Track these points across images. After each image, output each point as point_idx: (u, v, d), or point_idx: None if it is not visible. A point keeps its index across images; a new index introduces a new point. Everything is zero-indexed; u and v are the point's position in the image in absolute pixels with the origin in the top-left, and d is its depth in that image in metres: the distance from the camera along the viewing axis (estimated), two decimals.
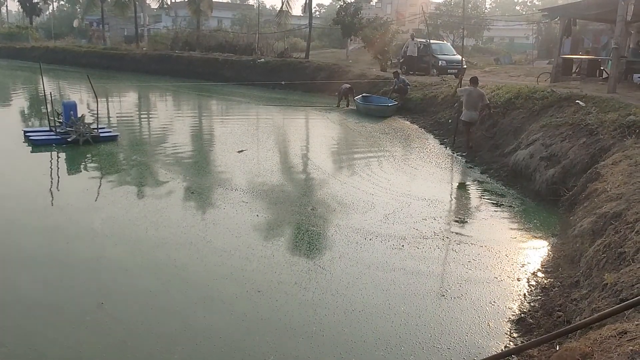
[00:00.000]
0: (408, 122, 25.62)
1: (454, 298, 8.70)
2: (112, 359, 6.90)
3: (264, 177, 15.38)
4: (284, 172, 16.57)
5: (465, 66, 32.95)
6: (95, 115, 19.95)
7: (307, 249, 10.57)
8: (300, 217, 12.19)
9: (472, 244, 10.87)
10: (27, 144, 18.59)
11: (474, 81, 18.08)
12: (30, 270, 9.03)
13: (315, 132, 24.24)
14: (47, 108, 20.29)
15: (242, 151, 18.65)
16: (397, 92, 28.21)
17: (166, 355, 7.01)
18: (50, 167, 16.49)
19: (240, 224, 11.50)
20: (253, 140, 21.44)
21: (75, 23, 75.39)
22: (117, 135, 19.98)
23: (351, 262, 9.77)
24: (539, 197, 13.70)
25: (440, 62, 31.73)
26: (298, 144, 21.55)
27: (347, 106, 29.31)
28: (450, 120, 22.29)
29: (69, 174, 16.14)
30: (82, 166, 16.98)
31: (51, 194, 13.72)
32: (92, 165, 16.88)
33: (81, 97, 29.38)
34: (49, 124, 19.59)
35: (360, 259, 9.92)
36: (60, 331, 7.43)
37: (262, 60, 41.78)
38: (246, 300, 8.39)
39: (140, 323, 7.72)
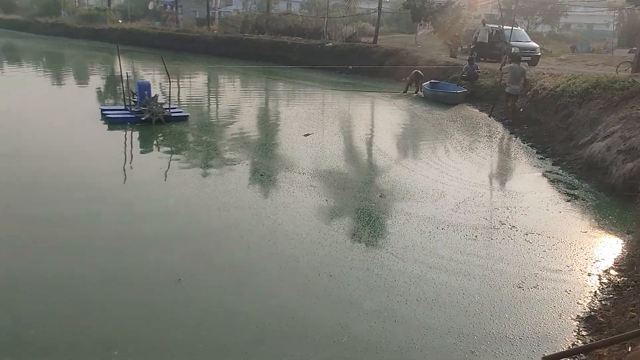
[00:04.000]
0: (477, 110, 24.98)
1: (529, 289, 8.59)
2: (187, 336, 7.07)
3: (330, 162, 15.36)
4: (349, 158, 16.51)
5: (539, 53, 31.78)
6: (167, 96, 20.41)
7: (378, 236, 10.50)
8: (368, 203, 12.12)
9: (544, 236, 10.58)
10: (103, 121, 19.29)
11: (517, 59, 21.84)
12: (107, 247, 9.35)
13: (381, 118, 24.00)
14: (122, 87, 20.97)
15: (308, 135, 18.69)
16: (466, 79, 27.54)
17: (240, 333, 7.14)
18: (125, 145, 17.05)
19: (310, 208, 11.54)
20: (319, 124, 21.42)
21: (150, 5, 77.31)
22: (187, 115, 20.44)
23: (424, 251, 9.65)
24: (614, 192, 13.09)
25: (513, 48, 30.67)
26: (363, 129, 21.40)
27: (415, 92, 28.86)
28: (522, 110, 21.64)
29: (142, 152, 16.63)
30: (154, 145, 17.47)
31: (126, 171, 14.19)
32: (164, 144, 17.33)
33: (154, 78, 30.22)
34: (124, 102, 20.24)
35: (433, 249, 9.78)
36: (137, 307, 7.68)
37: (330, 44, 41.68)
38: (318, 284, 8.44)
39: (216, 301, 7.90)
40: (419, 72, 29.10)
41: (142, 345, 6.83)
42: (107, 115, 19.46)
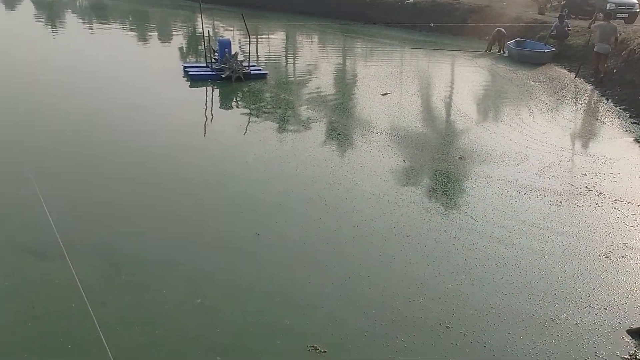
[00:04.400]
0: (565, 71, 23.64)
1: (617, 258, 8.25)
2: (265, 286, 7.30)
3: (408, 122, 15.12)
4: (428, 118, 16.17)
5: (638, 10, 29.48)
6: (247, 53, 20.62)
7: (457, 198, 10.33)
8: (447, 165, 11.89)
9: (635, 205, 10.06)
10: (185, 78, 19.78)
11: (608, 16, 20.82)
12: (191, 201, 9.70)
13: (462, 77, 23.22)
14: (204, 45, 21.35)
15: (386, 94, 18.41)
16: (555, 38, 26.01)
17: (317, 288, 7.29)
18: (206, 102, 17.46)
19: (387, 168, 11.46)
20: (397, 83, 21.03)
21: None
22: (266, 73, 20.60)
23: (504, 216, 9.41)
24: None
25: (608, 4, 28.55)
26: (443, 89, 20.82)
27: (499, 52, 27.62)
28: (615, 70, 20.28)
29: (222, 109, 17.00)
30: (233, 102, 17.79)
31: (206, 128, 14.58)
32: (243, 101, 17.62)
33: (234, 36, 30.56)
34: (206, 60, 20.63)
35: (514, 214, 9.51)
36: (220, 258, 7.98)
37: (411, 1, 40.41)
38: (395, 244, 8.44)
39: (293, 255, 8.08)
40: (502, 30, 27.74)
41: (225, 290, 7.14)
42: (189, 72, 19.96)
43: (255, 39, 29.40)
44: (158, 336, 6.24)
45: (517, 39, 27.16)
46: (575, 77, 21.73)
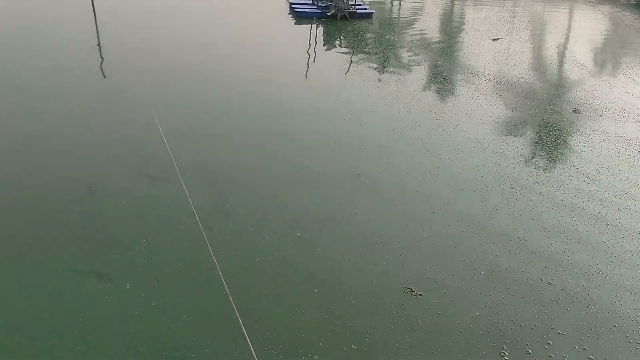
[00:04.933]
0: None
1: None
2: (363, 227, 7.37)
3: (519, 70, 14.37)
4: (540, 67, 15.26)
5: None
6: None
7: (568, 154, 9.80)
8: (559, 118, 11.25)
9: None
10: (292, 15, 19.74)
11: None
12: (295, 139, 9.83)
13: (581, 25, 21.57)
14: None
15: (496, 39, 17.53)
16: None
17: (415, 233, 7.27)
18: (310, 39, 17.39)
19: (494, 116, 11.03)
20: (509, 28, 19.92)
21: None
22: (372, 12, 20.16)
23: (619, 176, 8.86)
24: None
25: None
26: (559, 36, 19.47)
27: None
28: None
29: (325, 47, 16.87)
30: (337, 40, 17.60)
31: (309, 65, 14.57)
32: (347, 40, 17.40)
33: None
34: None
35: (630, 175, 8.93)
36: (321, 196, 8.10)
37: None
38: (498, 194, 8.21)
39: (392, 199, 8.07)
40: None
41: (324, 227, 7.28)
42: (295, 9, 19.92)
43: None
44: (259, 263, 6.52)
45: None
46: None
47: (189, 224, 6.91)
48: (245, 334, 4.65)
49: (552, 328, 5.78)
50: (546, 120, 11.18)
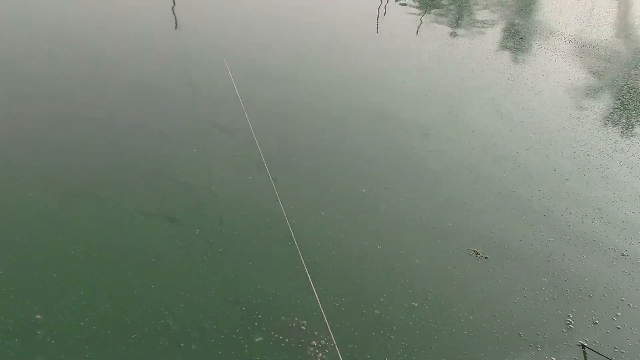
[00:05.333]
0: None
1: None
2: (430, 186, 7.28)
3: (603, 31, 13.56)
4: (625, 28, 14.31)
5: None
6: None
7: None
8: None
9: None
10: None
11: None
12: (364, 96, 9.73)
13: None
14: None
15: None
16: None
17: (483, 196, 7.12)
18: None
19: (573, 80, 10.53)
20: None
21: None
22: None
23: None
24: None
25: None
26: None
27: None
28: None
29: (397, 3, 16.41)
30: None
31: (379, 23, 14.25)
32: None
33: None
34: None
35: None
36: (388, 156, 8.03)
37: None
38: (573, 161, 7.91)
39: (461, 161, 7.90)
40: None
41: (390, 185, 7.25)
42: None
43: None
44: (324, 217, 6.59)
45: None
46: None
47: (258, 175, 7.04)
48: (312, 284, 4.75)
49: (622, 300, 5.60)
50: (630, 85, 10.56)
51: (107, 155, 7.42)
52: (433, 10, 15.12)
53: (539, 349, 5.05)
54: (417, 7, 15.74)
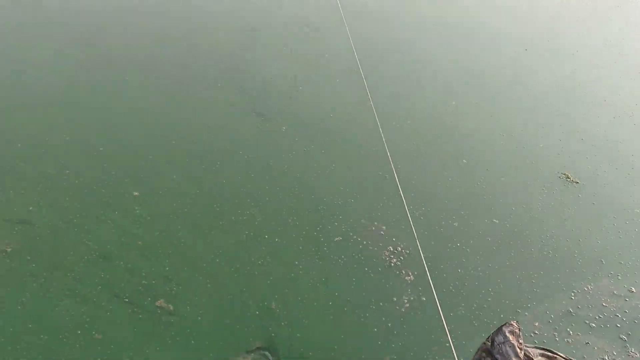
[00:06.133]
0: None
1: None
2: (524, 94, 6.97)
3: None
4: None
5: None
6: None
7: None
8: None
9: None
10: None
11: None
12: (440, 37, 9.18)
13: None
14: None
15: None
16: None
17: (580, 116, 6.77)
18: None
19: None
20: None
21: None
22: None
23: None
24: None
25: None
26: None
27: None
28: None
29: None
30: None
31: None
32: None
33: None
34: None
35: None
36: (480, 67, 7.68)
37: None
38: None
39: (562, 78, 7.47)
40: None
41: (481, 99, 7.01)
42: None
43: None
44: (414, 125, 6.48)
45: None
46: None
47: (350, 77, 6.94)
48: (402, 194, 4.76)
49: None
50: None
51: (199, 52, 7.53)
52: None
53: (619, 278, 4.95)
54: None
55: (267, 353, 4.29)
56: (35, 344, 4.09)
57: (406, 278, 4.90)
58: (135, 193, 5.30)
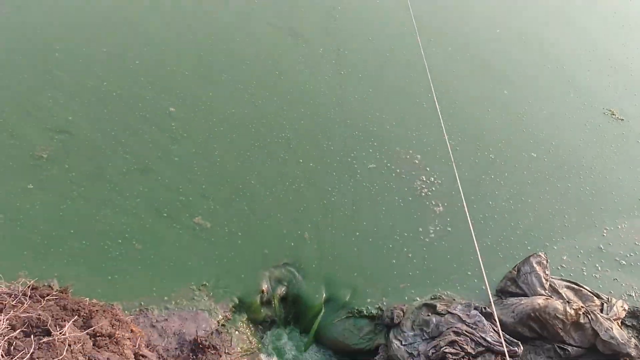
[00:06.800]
0: None
1: None
2: (571, 30, 6.67)
3: None
4: None
5: None
6: None
7: None
8: None
9: None
10: None
11: None
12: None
13: None
14: None
15: None
16: None
17: (631, 50, 6.46)
18: None
19: None
20: None
21: None
22: None
23: None
24: None
25: None
26: None
27: None
28: None
29: None
30: None
31: None
32: None
33: None
34: None
35: None
36: (516, 11, 7.32)
37: None
38: None
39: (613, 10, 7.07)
40: None
41: (523, 36, 6.73)
42: None
43: None
44: (459, 58, 6.29)
45: None
46: None
47: (399, 14, 6.67)
48: (442, 122, 4.68)
49: None
50: None
51: None
52: None
53: None
54: None
55: (292, 269, 4.45)
56: (78, 247, 4.29)
57: (435, 209, 4.91)
58: (172, 108, 5.32)
